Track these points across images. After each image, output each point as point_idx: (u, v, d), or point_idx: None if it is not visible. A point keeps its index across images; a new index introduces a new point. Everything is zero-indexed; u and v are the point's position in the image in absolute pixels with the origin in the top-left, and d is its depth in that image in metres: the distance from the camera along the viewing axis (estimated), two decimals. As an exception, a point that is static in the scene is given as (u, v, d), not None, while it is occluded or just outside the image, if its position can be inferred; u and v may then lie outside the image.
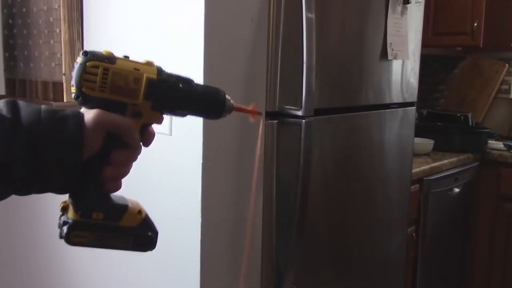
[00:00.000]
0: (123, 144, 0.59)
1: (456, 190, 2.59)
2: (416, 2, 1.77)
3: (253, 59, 1.22)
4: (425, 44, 1.97)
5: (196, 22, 1.10)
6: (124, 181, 0.61)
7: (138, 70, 0.60)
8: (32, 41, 1.53)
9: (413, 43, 1.81)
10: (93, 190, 0.59)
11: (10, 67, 1.63)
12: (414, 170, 2.15)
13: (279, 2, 1.24)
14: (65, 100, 1.41)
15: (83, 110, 0.59)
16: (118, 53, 0.62)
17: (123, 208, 0.61)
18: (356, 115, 1.60)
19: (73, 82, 0.58)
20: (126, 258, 1.30)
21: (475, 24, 2.85)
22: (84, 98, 0.58)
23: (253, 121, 0.70)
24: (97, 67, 0.57)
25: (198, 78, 1.11)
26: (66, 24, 1.38)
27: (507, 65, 3.19)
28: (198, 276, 1.17)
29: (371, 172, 1.71)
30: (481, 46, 2.91)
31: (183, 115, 0.63)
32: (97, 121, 0.57)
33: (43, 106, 0.57)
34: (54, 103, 1.40)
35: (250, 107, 0.70)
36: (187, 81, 0.63)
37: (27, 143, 0.53)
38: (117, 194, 0.62)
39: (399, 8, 1.68)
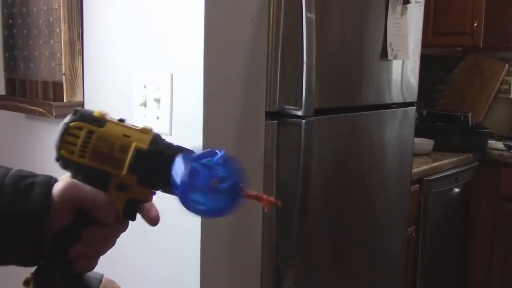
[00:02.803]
0: (94, 220, 0.52)
1: (456, 190, 2.59)
2: (416, 2, 1.77)
3: (253, 59, 1.22)
4: (425, 44, 1.97)
5: (196, 22, 1.10)
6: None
7: (128, 137, 0.52)
8: (32, 41, 1.53)
9: (413, 43, 1.81)
10: (59, 268, 0.52)
11: (10, 67, 1.63)
12: (414, 170, 2.15)
13: (279, 2, 1.24)
14: (65, 100, 1.41)
15: (65, 175, 0.53)
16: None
17: None
18: (356, 115, 1.60)
19: (55, 142, 0.52)
20: (126, 258, 1.30)
21: (475, 24, 2.85)
22: (64, 162, 0.52)
23: (267, 210, 0.57)
24: (81, 128, 0.51)
25: (198, 78, 1.11)
26: (66, 24, 1.38)
27: (507, 65, 3.19)
28: (198, 276, 1.17)
29: (371, 172, 1.71)
30: (481, 46, 2.91)
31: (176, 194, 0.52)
32: (62, 195, 0.51)
33: (13, 170, 0.52)
34: (54, 103, 1.40)
35: (264, 196, 0.55)
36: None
37: None
38: (94, 273, 0.55)
39: (399, 8, 1.68)
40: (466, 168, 2.65)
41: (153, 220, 0.57)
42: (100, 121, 0.52)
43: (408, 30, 1.75)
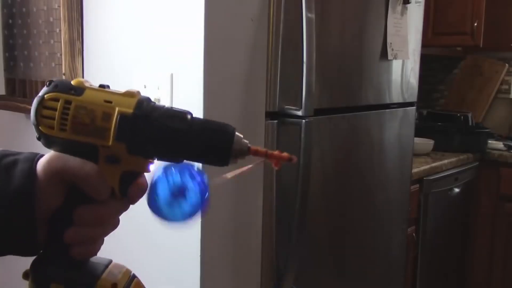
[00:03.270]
0: (87, 198, 0.47)
1: (456, 190, 2.59)
2: (416, 2, 1.77)
3: (253, 59, 1.22)
4: (425, 44, 1.97)
5: (196, 22, 1.10)
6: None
7: (110, 102, 0.46)
8: (32, 41, 1.53)
9: (413, 43, 1.81)
10: (56, 255, 0.47)
11: (10, 67, 1.63)
12: (414, 170, 2.15)
13: (279, 2, 1.24)
14: (65, 100, 1.41)
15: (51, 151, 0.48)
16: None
17: (90, 281, 0.48)
18: (356, 115, 1.60)
19: (31, 119, 0.47)
20: (126, 258, 1.30)
21: (475, 24, 2.85)
22: (46, 139, 0.46)
23: (277, 169, 0.50)
24: (57, 99, 0.46)
25: (198, 78, 1.11)
26: (66, 24, 1.38)
27: (507, 65, 3.19)
28: (198, 276, 1.17)
29: (371, 172, 1.71)
30: (481, 46, 2.91)
31: (176, 160, 0.48)
32: (46, 168, 0.46)
33: None
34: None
35: (276, 152, 0.49)
36: (179, 116, 0.48)
37: None
38: (100, 258, 0.51)
39: (399, 8, 1.68)
40: (466, 168, 2.65)
41: (140, 188, 0.49)
42: (77, 89, 0.46)
43: (408, 30, 1.75)
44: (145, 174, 0.49)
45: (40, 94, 0.47)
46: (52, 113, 0.46)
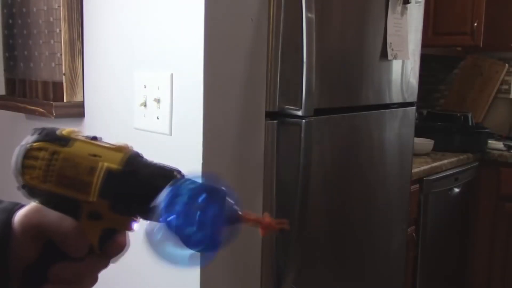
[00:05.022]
0: (64, 254, 0.44)
1: (456, 190, 2.59)
2: (416, 2, 1.77)
3: (253, 59, 1.22)
4: (425, 44, 1.97)
5: (196, 22, 1.10)
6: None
7: (97, 156, 0.44)
8: (32, 41, 1.53)
9: (413, 43, 1.81)
10: None
11: (10, 67, 1.63)
12: (414, 170, 2.15)
13: (279, 2, 1.24)
14: (65, 100, 1.41)
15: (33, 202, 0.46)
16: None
17: None
18: (356, 115, 1.60)
19: (13, 167, 0.45)
20: (125, 258, 1.30)
21: (475, 24, 2.85)
22: (29, 190, 0.44)
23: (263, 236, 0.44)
24: (45, 149, 0.44)
25: (198, 78, 1.11)
26: (66, 24, 1.38)
27: (507, 65, 3.19)
28: (198, 276, 1.17)
29: (371, 172, 1.71)
30: (481, 46, 2.91)
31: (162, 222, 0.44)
32: (23, 220, 0.44)
33: None
34: (54, 103, 1.40)
35: (265, 218, 0.47)
36: (168, 176, 0.45)
37: None
38: None
39: (399, 8, 1.68)
40: (466, 168, 2.65)
41: (119, 247, 0.47)
42: (65, 139, 0.44)
43: (408, 30, 1.75)
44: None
45: (27, 142, 0.44)
46: (39, 163, 0.43)
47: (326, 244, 1.57)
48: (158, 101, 1.18)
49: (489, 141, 2.82)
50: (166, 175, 0.45)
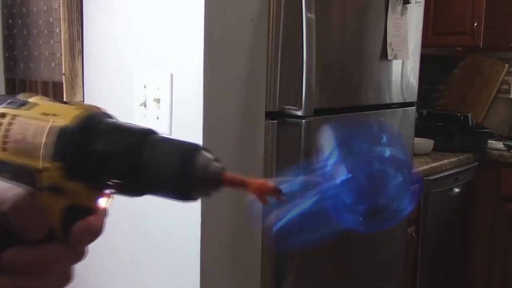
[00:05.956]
0: (19, 237, 0.36)
1: (456, 190, 2.59)
2: (416, 2, 1.77)
3: (253, 59, 1.22)
4: (425, 44, 1.97)
5: (196, 22, 1.10)
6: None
7: (50, 115, 0.37)
8: (32, 41, 1.53)
9: (413, 43, 1.81)
10: None
11: (10, 67, 1.63)
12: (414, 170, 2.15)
13: (279, 2, 1.24)
14: (65, 100, 1.41)
15: None
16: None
17: None
18: (356, 115, 1.60)
19: None
20: (126, 258, 1.30)
21: (475, 24, 2.85)
22: None
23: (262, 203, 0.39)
24: (4, 116, 0.38)
25: (198, 78, 1.11)
26: (66, 24, 1.38)
27: (507, 65, 3.19)
28: (198, 276, 1.17)
29: (371, 172, 1.71)
30: (481, 46, 2.91)
31: (133, 193, 0.37)
32: None
33: None
34: (54, 103, 1.40)
35: (258, 181, 0.38)
36: (133, 132, 0.37)
37: None
38: None
39: (399, 8, 1.68)
40: (466, 168, 2.65)
41: (85, 230, 0.37)
42: (27, 103, 0.38)
43: (408, 30, 1.74)
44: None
45: None
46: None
47: (326, 244, 1.56)
48: (158, 101, 1.18)
49: (489, 141, 2.82)
50: (128, 131, 0.37)
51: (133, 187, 0.37)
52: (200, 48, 1.10)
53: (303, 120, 1.27)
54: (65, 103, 0.39)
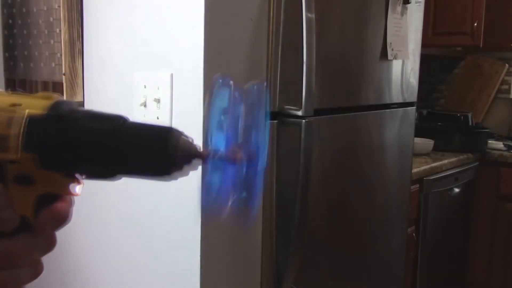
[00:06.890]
0: None
1: (456, 190, 2.59)
2: (416, 2, 1.77)
3: (253, 59, 1.22)
4: (425, 44, 1.97)
5: (196, 22, 1.10)
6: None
7: (17, 105, 0.37)
8: (32, 41, 1.53)
9: (413, 43, 1.81)
10: None
11: (10, 67, 1.63)
12: (414, 170, 2.15)
13: (279, 2, 1.24)
14: (65, 100, 1.41)
15: None
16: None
17: None
18: (356, 115, 1.60)
19: None
20: (126, 258, 1.30)
21: (475, 24, 2.85)
22: None
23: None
24: None
25: (198, 78, 1.11)
26: (66, 24, 1.38)
27: (507, 65, 3.19)
28: (198, 276, 1.17)
29: (371, 172, 1.71)
30: (481, 46, 2.91)
31: (107, 176, 0.38)
32: None
33: None
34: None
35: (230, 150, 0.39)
36: (106, 117, 0.37)
37: None
38: None
39: (399, 8, 1.68)
40: (466, 168, 2.65)
41: (56, 216, 0.37)
42: None
43: (408, 30, 1.74)
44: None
45: None
46: None
47: (326, 244, 1.56)
48: (158, 101, 1.18)
49: (489, 141, 2.82)
50: (101, 117, 0.37)
51: (108, 171, 0.37)
52: (200, 48, 1.10)
53: (303, 120, 1.27)
54: (27, 94, 0.38)
